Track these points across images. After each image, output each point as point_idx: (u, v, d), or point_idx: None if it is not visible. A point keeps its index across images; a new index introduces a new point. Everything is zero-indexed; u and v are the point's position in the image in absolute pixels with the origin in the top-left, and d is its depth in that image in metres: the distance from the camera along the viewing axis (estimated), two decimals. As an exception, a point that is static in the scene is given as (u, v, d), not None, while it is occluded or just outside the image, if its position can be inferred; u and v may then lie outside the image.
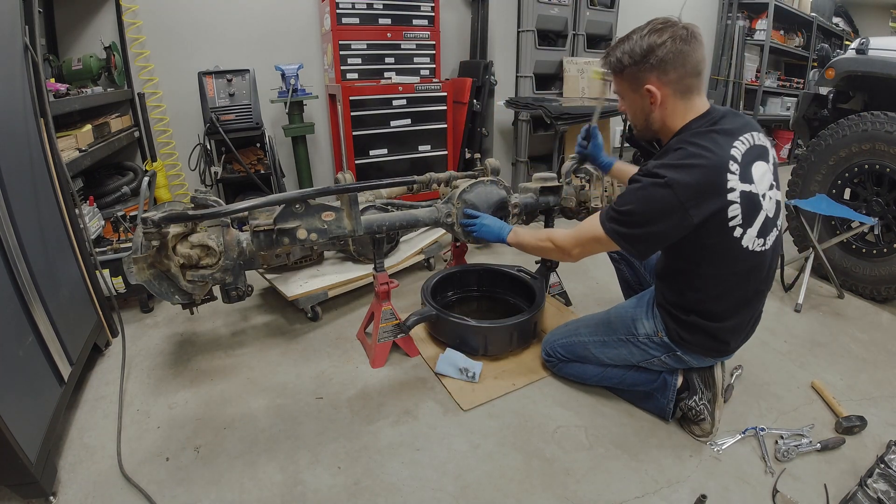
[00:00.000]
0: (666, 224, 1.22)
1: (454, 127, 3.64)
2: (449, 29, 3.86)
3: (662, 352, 1.49)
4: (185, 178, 3.38)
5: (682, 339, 1.43)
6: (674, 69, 1.23)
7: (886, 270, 2.33)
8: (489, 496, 1.33)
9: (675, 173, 1.18)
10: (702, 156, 1.19)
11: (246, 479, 1.39)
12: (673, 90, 1.26)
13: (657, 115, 1.30)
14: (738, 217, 1.23)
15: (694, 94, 1.28)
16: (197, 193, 1.50)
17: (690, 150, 1.20)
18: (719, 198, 1.20)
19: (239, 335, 2.12)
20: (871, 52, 2.55)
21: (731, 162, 1.21)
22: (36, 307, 1.38)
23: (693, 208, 1.18)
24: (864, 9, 6.60)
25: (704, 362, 1.50)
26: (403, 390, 1.75)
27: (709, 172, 1.19)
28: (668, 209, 1.19)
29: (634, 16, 4.42)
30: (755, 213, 1.26)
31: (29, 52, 1.60)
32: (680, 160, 1.20)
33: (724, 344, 1.42)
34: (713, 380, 1.51)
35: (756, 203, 1.26)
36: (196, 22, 3.15)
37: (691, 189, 1.17)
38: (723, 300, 1.36)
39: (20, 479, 1.21)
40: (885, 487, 1.27)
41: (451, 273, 2.22)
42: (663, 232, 1.24)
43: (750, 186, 1.24)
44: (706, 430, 1.50)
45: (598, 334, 1.62)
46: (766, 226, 1.29)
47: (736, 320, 1.40)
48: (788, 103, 5.60)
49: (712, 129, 1.24)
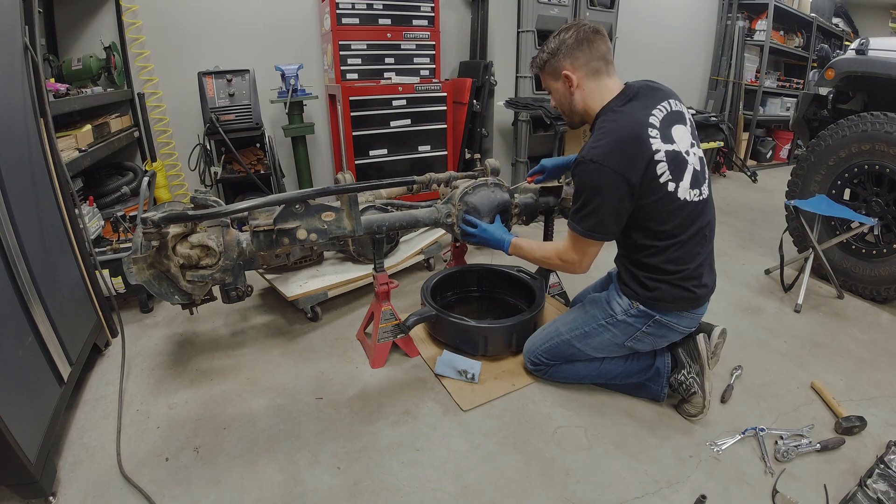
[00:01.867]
0: (614, 197, 1.36)
1: (454, 127, 3.65)
2: (449, 29, 3.87)
3: (642, 322, 1.53)
4: (185, 178, 3.39)
5: (651, 299, 1.50)
6: (581, 54, 1.44)
7: (886, 271, 2.33)
8: (489, 496, 1.33)
9: (599, 150, 1.35)
10: (617, 125, 1.37)
11: (246, 479, 1.39)
12: (584, 73, 1.46)
13: (577, 97, 1.49)
14: (667, 173, 1.38)
15: (604, 75, 1.47)
16: (197, 193, 1.50)
17: (607, 126, 1.38)
18: (644, 155, 1.35)
19: (239, 335, 2.12)
20: (870, 52, 2.55)
21: (648, 127, 1.37)
22: (35, 307, 1.38)
23: (627, 171, 1.33)
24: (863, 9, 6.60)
25: (684, 320, 1.53)
26: (403, 390, 1.75)
27: (627, 135, 1.35)
28: (609, 184, 1.35)
29: (634, 16, 4.42)
30: (683, 168, 1.41)
31: (29, 52, 1.60)
32: (600, 138, 1.37)
33: (689, 292, 1.48)
34: (698, 352, 1.57)
35: (681, 159, 1.41)
36: (196, 22, 3.15)
37: (617, 156, 1.33)
38: (678, 248, 1.44)
39: (20, 479, 1.21)
40: (885, 488, 1.27)
41: (451, 273, 2.22)
42: (616, 205, 1.37)
43: (672, 146, 1.39)
44: (699, 405, 1.55)
45: (577, 327, 1.65)
46: (696, 178, 1.44)
47: (691, 268, 1.47)
48: (788, 104, 5.61)
49: (626, 104, 1.42)
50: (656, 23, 4.79)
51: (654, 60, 4.92)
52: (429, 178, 2.02)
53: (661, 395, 1.63)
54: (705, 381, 1.54)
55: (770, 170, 5.58)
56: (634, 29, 4.47)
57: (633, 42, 4.50)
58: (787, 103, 5.61)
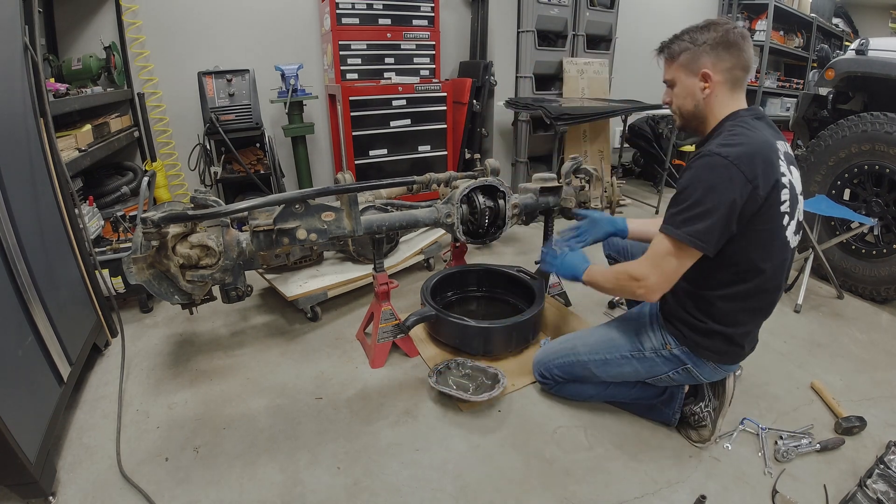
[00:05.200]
0: (732, 203, 1.16)
1: (454, 127, 3.65)
2: (449, 29, 3.86)
3: (671, 367, 1.42)
4: (185, 178, 3.38)
5: (698, 345, 1.36)
6: (729, 57, 1.27)
7: (886, 271, 2.33)
8: (488, 496, 1.33)
9: (731, 149, 1.17)
10: (754, 135, 1.21)
11: (245, 479, 1.39)
12: (724, 78, 1.29)
13: (707, 101, 1.32)
14: (787, 203, 1.23)
15: (739, 89, 1.31)
16: (196, 193, 1.50)
17: (741, 130, 1.22)
18: (775, 172, 1.20)
19: (238, 335, 2.12)
20: (870, 52, 2.55)
21: (777, 149, 1.24)
22: (35, 307, 1.38)
23: (755, 178, 1.16)
24: (863, 9, 6.60)
25: (714, 376, 1.43)
26: (403, 390, 1.75)
27: (762, 148, 1.20)
28: (732, 186, 1.15)
29: (634, 16, 4.42)
30: (796, 206, 1.27)
31: (29, 52, 1.60)
32: (732, 138, 1.21)
33: (740, 348, 1.37)
34: (723, 389, 1.47)
35: (797, 196, 1.27)
36: (196, 22, 3.15)
37: (750, 160, 1.16)
38: (753, 298, 1.30)
39: (19, 479, 1.21)
40: (885, 488, 1.27)
41: (451, 273, 2.22)
42: (729, 214, 1.17)
43: (792, 178, 1.26)
44: (704, 437, 1.48)
45: (598, 353, 1.52)
46: (798, 225, 1.30)
47: (755, 322, 1.36)
48: (788, 104, 5.60)
49: (756, 121, 1.28)
50: (656, 23, 4.79)
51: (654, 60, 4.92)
52: (429, 178, 2.02)
53: (672, 420, 1.54)
54: (719, 419, 1.46)
55: (770, 170, 5.57)
56: (634, 29, 4.47)
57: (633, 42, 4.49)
58: (787, 103, 5.61)
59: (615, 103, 3.52)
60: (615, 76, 4.20)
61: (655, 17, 4.76)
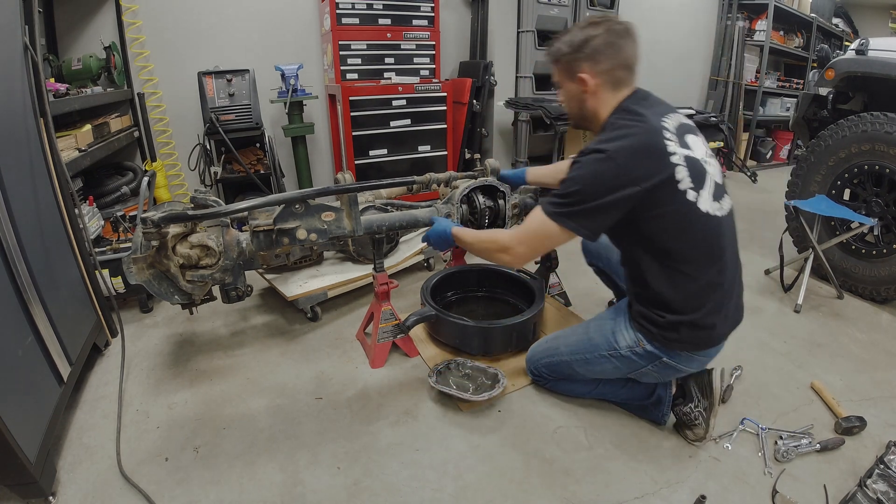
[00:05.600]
0: (613, 195, 1.22)
1: (454, 127, 3.65)
2: (449, 29, 3.87)
3: (647, 362, 1.43)
4: (185, 178, 3.39)
5: (668, 339, 1.37)
6: (606, 59, 1.30)
7: (886, 271, 2.33)
8: (488, 496, 1.33)
9: (613, 144, 1.22)
10: (634, 125, 1.25)
11: (245, 479, 1.39)
12: (604, 80, 1.32)
13: (590, 103, 1.36)
14: (688, 179, 1.25)
15: (624, 87, 1.34)
16: (196, 193, 1.50)
17: (622, 123, 1.27)
18: (661, 160, 1.23)
19: (238, 335, 2.12)
20: (870, 52, 2.55)
21: (664, 130, 1.26)
22: (35, 307, 1.38)
23: (636, 172, 1.21)
24: (863, 9, 6.60)
25: (692, 365, 1.44)
26: (403, 390, 1.75)
27: (645, 137, 1.23)
28: (613, 178, 1.21)
29: (634, 16, 4.42)
30: (702, 177, 1.29)
31: (29, 52, 1.60)
32: (614, 132, 1.26)
33: (710, 330, 1.35)
34: (710, 389, 1.49)
35: (700, 167, 1.29)
36: (196, 22, 3.15)
37: (632, 154, 1.21)
38: (696, 278, 1.31)
39: (19, 479, 1.21)
40: (885, 488, 1.27)
41: (451, 273, 2.22)
42: (612, 203, 1.23)
43: (689, 151, 1.27)
44: (699, 435, 1.48)
45: (578, 352, 1.55)
46: (718, 191, 1.32)
47: (714, 299, 1.34)
48: (788, 104, 5.60)
49: (639, 103, 1.31)
50: (656, 23, 4.79)
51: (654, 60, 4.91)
52: (429, 177, 2.01)
53: (661, 420, 1.55)
54: (711, 418, 1.47)
55: (770, 170, 5.57)
56: (634, 29, 4.47)
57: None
58: (787, 103, 5.60)
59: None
60: (615, 76, 4.20)
61: (655, 17, 4.77)
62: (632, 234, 1.34)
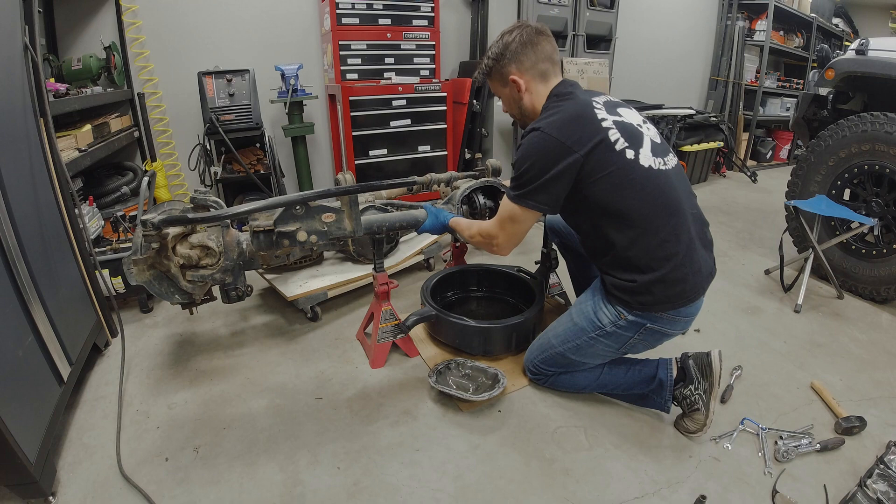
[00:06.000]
0: (557, 166, 1.32)
1: (454, 127, 3.65)
2: (449, 29, 3.86)
3: (633, 332, 1.46)
4: (185, 178, 3.38)
5: (645, 304, 1.39)
6: (527, 57, 1.44)
7: (886, 271, 2.33)
8: (488, 497, 1.33)
9: (546, 121, 1.34)
10: (564, 104, 1.37)
11: (245, 479, 1.39)
12: (532, 76, 1.46)
13: (526, 100, 1.49)
14: (622, 140, 1.34)
15: (552, 77, 1.47)
16: (196, 194, 1.50)
17: (553, 107, 1.40)
18: (592, 125, 1.33)
19: (238, 335, 2.12)
20: (870, 52, 2.55)
21: (593, 103, 1.38)
22: (35, 307, 1.38)
23: (571, 140, 1.31)
24: (863, 9, 6.60)
25: (677, 325, 1.46)
26: (403, 390, 1.75)
27: (574, 110, 1.35)
28: (552, 151, 1.32)
29: (634, 16, 4.43)
30: (638, 137, 1.38)
31: (29, 52, 1.59)
32: (547, 116, 1.37)
33: (683, 283, 1.37)
34: (710, 369, 1.50)
35: (634, 130, 1.38)
36: (196, 22, 3.15)
37: (563, 126, 1.32)
38: (656, 232, 1.35)
39: (19, 478, 1.21)
40: (885, 488, 1.27)
41: (451, 273, 2.22)
42: (559, 174, 1.33)
43: (619, 118, 1.38)
44: (699, 423, 1.48)
45: (569, 340, 1.58)
46: (657, 149, 1.40)
47: (680, 251, 1.36)
48: (788, 104, 5.61)
49: (568, 88, 1.44)
50: (656, 23, 4.79)
51: (654, 60, 4.92)
52: (430, 178, 2.02)
53: (665, 406, 1.57)
54: (711, 400, 1.46)
55: (770, 170, 5.58)
56: (634, 29, 4.47)
57: (633, 42, 4.50)
58: (787, 103, 5.61)
59: (615, 103, 3.51)
60: (615, 76, 4.20)
61: (655, 17, 4.77)
62: (584, 205, 1.40)
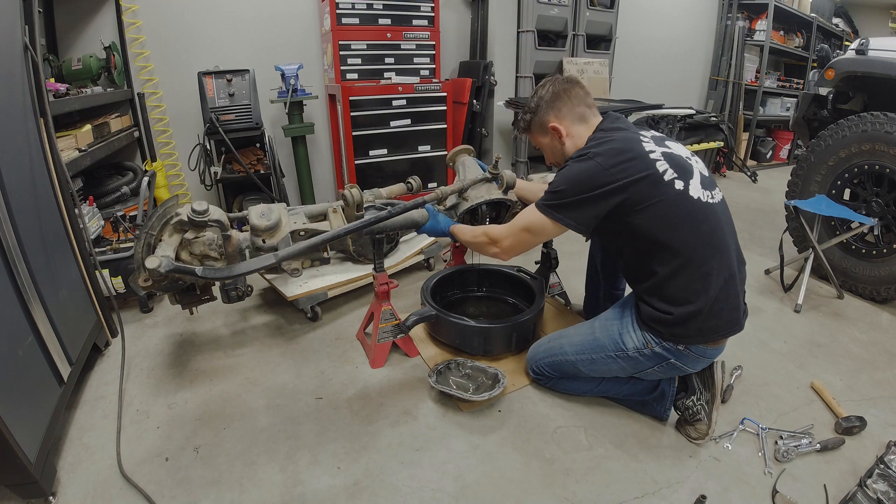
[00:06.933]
0: (595, 190, 1.33)
1: (454, 127, 3.65)
2: (449, 29, 3.86)
3: (655, 362, 1.45)
4: (185, 178, 3.38)
5: (677, 336, 1.38)
6: (563, 104, 1.50)
7: (886, 271, 2.33)
8: (488, 496, 1.33)
9: (594, 149, 1.36)
10: (613, 135, 1.39)
11: (245, 479, 1.39)
12: (570, 121, 1.51)
13: (569, 145, 1.51)
14: (670, 171, 1.33)
15: (591, 118, 1.51)
16: (195, 215, 1.45)
17: (601, 136, 1.42)
18: (641, 159, 1.33)
19: (238, 335, 2.12)
20: (870, 52, 2.55)
21: (641, 136, 1.39)
22: (35, 307, 1.38)
23: (615, 169, 1.31)
24: (863, 9, 6.60)
25: (697, 365, 1.46)
26: (403, 390, 1.75)
27: (622, 143, 1.36)
28: (594, 174, 1.33)
29: (634, 16, 4.42)
30: (687, 170, 1.37)
31: (29, 52, 1.59)
32: (595, 143, 1.40)
33: (717, 318, 1.36)
34: (712, 381, 1.49)
35: (683, 162, 1.38)
36: (196, 22, 3.15)
37: (612, 155, 1.33)
38: (699, 265, 1.33)
39: (20, 478, 1.21)
40: (885, 488, 1.27)
41: (451, 273, 2.22)
42: (595, 197, 1.33)
43: (669, 150, 1.39)
44: (702, 432, 1.48)
45: (584, 352, 1.56)
46: (706, 182, 1.39)
47: (720, 287, 1.34)
48: (788, 104, 5.61)
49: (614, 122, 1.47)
50: (656, 23, 4.79)
51: (653, 60, 4.92)
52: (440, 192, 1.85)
53: (664, 415, 1.57)
54: (713, 411, 1.46)
55: (770, 170, 5.58)
56: (634, 29, 4.47)
57: (633, 42, 4.50)
58: (787, 103, 5.61)
59: (615, 103, 3.52)
60: (615, 76, 4.20)
61: (655, 17, 4.77)
62: (629, 231, 1.38)
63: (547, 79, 1.55)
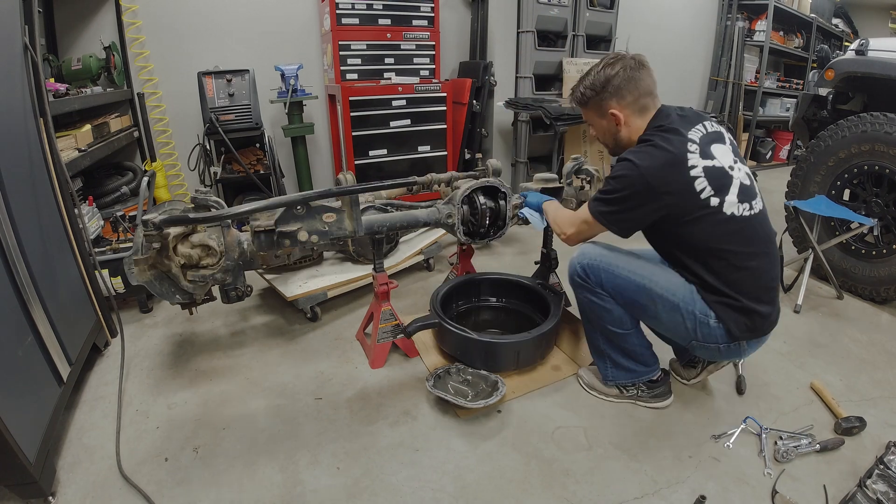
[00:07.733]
0: (638, 201, 1.37)
1: (454, 127, 3.65)
2: (449, 29, 3.86)
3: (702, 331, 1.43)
4: (185, 178, 3.39)
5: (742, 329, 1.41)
6: (629, 93, 1.44)
7: (885, 271, 2.33)
8: (488, 497, 1.33)
9: (641, 158, 1.36)
10: (662, 146, 1.36)
11: (245, 479, 1.39)
12: (631, 111, 1.46)
13: (623, 133, 1.49)
14: (708, 188, 1.34)
15: (650, 110, 1.47)
16: (197, 194, 1.49)
17: (652, 141, 1.38)
18: (682, 175, 1.34)
19: (238, 335, 2.12)
20: (870, 53, 2.55)
21: (689, 144, 1.36)
22: (35, 307, 1.38)
23: (659, 187, 1.33)
24: (863, 10, 6.61)
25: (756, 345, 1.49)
26: (402, 391, 1.75)
27: (669, 156, 1.35)
28: (638, 188, 1.35)
29: (634, 16, 4.42)
30: (726, 183, 1.37)
31: (29, 52, 1.59)
32: (644, 148, 1.38)
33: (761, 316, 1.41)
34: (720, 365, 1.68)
35: (723, 174, 1.37)
36: (196, 22, 3.15)
37: (655, 169, 1.34)
38: (749, 269, 1.39)
39: (19, 479, 1.21)
40: (885, 488, 1.27)
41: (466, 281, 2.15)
42: (638, 208, 1.38)
43: (712, 161, 1.37)
44: (689, 376, 1.72)
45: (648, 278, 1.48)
46: (744, 192, 1.39)
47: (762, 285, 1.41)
48: (788, 104, 5.61)
49: (667, 120, 1.42)
50: (656, 23, 4.79)
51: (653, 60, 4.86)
52: (430, 178, 2.01)
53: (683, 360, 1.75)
54: (708, 369, 1.69)
55: (770, 170, 5.58)
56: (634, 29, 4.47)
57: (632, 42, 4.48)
58: (787, 104, 5.61)
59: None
60: (615, 76, 4.19)
61: (655, 17, 4.77)
62: (674, 238, 1.45)
63: (617, 56, 1.44)
